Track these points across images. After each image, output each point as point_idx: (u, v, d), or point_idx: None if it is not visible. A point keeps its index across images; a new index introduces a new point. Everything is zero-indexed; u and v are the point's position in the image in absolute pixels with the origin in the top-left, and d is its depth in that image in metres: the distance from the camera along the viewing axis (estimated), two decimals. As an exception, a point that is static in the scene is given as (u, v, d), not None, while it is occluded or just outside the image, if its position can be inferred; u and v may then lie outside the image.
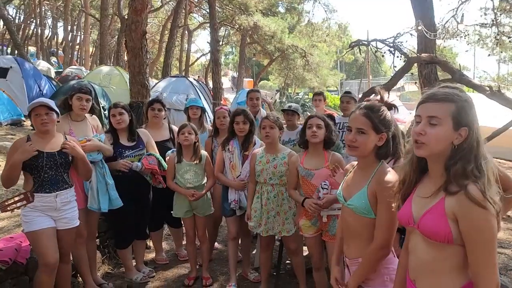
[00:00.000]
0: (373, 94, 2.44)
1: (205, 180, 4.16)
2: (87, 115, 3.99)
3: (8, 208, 3.00)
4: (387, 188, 2.00)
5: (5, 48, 31.56)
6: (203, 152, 4.19)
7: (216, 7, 19.37)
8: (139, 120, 5.50)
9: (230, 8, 22.64)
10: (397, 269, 2.00)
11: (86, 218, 3.78)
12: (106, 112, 4.07)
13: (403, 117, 13.30)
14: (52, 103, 3.31)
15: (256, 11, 20.88)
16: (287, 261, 4.56)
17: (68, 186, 3.37)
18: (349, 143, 2.16)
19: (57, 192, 3.26)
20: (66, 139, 3.41)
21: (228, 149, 4.09)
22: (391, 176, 2.10)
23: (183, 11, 22.03)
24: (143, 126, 4.61)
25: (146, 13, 7.30)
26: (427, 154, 1.67)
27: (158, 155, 4.19)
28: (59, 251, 3.28)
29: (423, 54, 9.60)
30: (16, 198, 3.03)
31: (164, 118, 4.67)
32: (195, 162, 4.07)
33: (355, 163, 2.37)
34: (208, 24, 14.06)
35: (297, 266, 3.87)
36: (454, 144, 1.62)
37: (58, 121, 3.39)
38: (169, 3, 27.03)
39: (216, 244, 5.12)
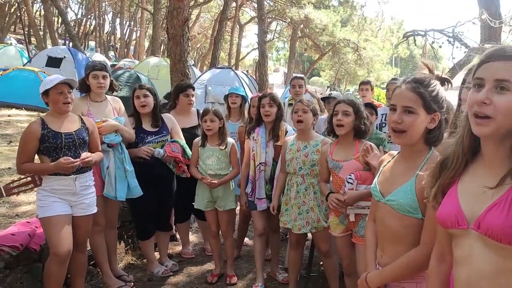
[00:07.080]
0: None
1: (229, 170, 3.85)
2: (108, 96, 3.76)
3: (14, 191, 2.84)
4: None
5: (67, 42, 32.96)
6: (230, 140, 3.87)
7: (268, 1, 19.05)
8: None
9: (282, 2, 22.26)
10: (429, 281, 1.56)
11: (104, 206, 3.56)
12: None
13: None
14: (71, 81, 3.14)
15: (308, 4, 20.35)
16: (321, 262, 4.16)
17: (88, 168, 3.18)
18: (394, 126, 1.70)
19: (76, 175, 3.06)
20: (82, 119, 3.23)
21: (253, 137, 3.74)
22: None
23: (234, 3, 21.87)
24: (171, 111, 4.36)
25: (188, 0, 7.14)
26: (492, 132, 1.22)
27: (183, 142, 3.92)
28: (74, 239, 3.09)
29: (486, 45, 8.78)
30: (23, 181, 2.86)
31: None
32: (221, 147, 3.77)
33: (394, 152, 1.95)
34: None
35: (328, 269, 3.48)
36: None
37: None
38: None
39: (246, 239, 4.80)
